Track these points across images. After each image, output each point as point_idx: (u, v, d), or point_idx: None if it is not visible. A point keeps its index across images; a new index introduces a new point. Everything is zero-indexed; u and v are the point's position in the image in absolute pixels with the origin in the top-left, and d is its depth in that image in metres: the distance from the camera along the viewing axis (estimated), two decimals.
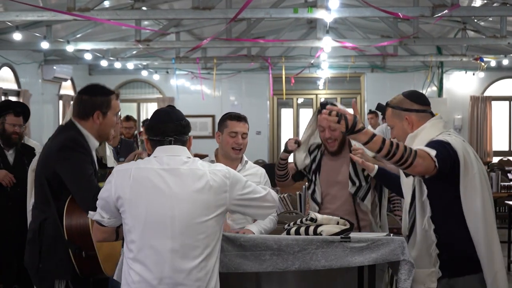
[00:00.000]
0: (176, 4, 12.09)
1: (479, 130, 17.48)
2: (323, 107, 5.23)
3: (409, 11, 9.32)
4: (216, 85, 16.88)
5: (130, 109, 17.84)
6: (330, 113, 3.71)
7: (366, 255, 3.90)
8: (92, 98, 4.30)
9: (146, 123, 3.81)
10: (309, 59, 15.48)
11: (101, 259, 4.08)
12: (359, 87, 18.26)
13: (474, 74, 17.15)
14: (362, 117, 17.42)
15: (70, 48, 12.34)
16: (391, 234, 4.26)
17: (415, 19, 11.52)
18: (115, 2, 11.47)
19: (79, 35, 12.78)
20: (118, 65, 15.60)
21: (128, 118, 10.63)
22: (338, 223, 4.10)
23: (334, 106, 5.16)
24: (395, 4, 11.82)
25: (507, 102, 18.00)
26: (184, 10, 10.19)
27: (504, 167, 14.24)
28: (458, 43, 14.45)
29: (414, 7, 9.66)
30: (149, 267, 3.40)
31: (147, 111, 18.46)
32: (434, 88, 17.69)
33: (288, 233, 4.18)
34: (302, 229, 4.13)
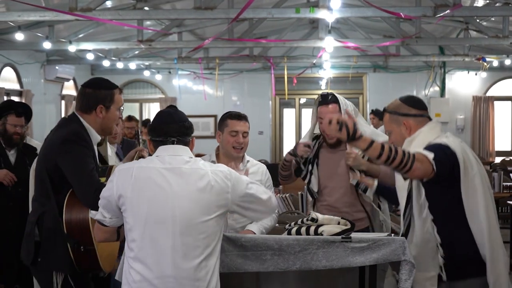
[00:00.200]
0: (178, 4, 12.08)
1: (481, 130, 17.47)
2: (323, 98, 5.25)
3: (411, 11, 9.31)
4: (218, 85, 16.88)
5: (133, 109, 17.84)
6: (330, 122, 3.70)
7: (367, 255, 3.90)
8: (96, 91, 4.29)
9: (147, 123, 3.81)
10: (311, 59, 15.48)
11: (99, 254, 4.08)
12: (361, 87, 18.25)
13: (476, 74, 17.14)
14: (365, 117, 17.43)
15: (72, 48, 12.34)
16: (392, 234, 4.26)
17: (417, 19, 11.51)
18: (117, 2, 11.47)
19: (81, 35, 12.78)
20: (120, 65, 15.60)
21: (130, 118, 10.63)
22: (339, 223, 4.10)
23: (335, 104, 5.19)
24: (397, 4, 11.80)
25: (510, 102, 17.97)
26: (186, 10, 10.18)
27: (506, 167, 14.22)
28: (461, 43, 14.44)
29: (416, 7, 9.65)
30: (150, 266, 3.41)
31: (149, 111, 18.46)
32: (437, 88, 17.68)
33: (289, 233, 4.18)
34: (303, 229, 4.13)
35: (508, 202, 9.72)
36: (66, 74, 15.67)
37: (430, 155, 3.76)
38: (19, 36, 11.27)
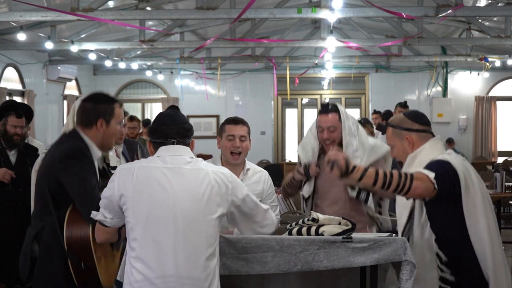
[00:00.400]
0: (181, 4, 12.10)
1: (483, 130, 17.45)
2: (323, 108, 5.23)
3: (412, 11, 9.30)
4: (221, 85, 16.89)
5: (135, 109, 17.86)
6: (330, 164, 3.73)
7: (368, 256, 3.89)
8: (96, 105, 4.26)
9: (147, 124, 3.80)
10: (313, 59, 15.49)
11: (100, 271, 4.04)
12: (363, 87, 18.24)
13: (478, 74, 17.14)
14: (367, 117, 17.43)
15: (75, 48, 12.36)
16: (393, 235, 4.25)
17: (419, 19, 11.50)
18: (119, 2, 11.49)
19: (83, 35, 12.80)
20: (122, 65, 15.62)
21: (132, 118, 10.63)
22: (340, 223, 4.09)
23: (335, 113, 5.12)
24: (399, 4, 11.81)
25: None
26: (188, 10, 10.20)
27: (508, 167, 14.19)
28: (463, 43, 14.42)
29: (418, 7, 9.64)
30: (151, 265, 3.41)
31: (152, 111, 18.47)
32: (439, 88, 17.67)
33: (290, 233, 4.18)
34: (304, 229, 4.12)
35: (510, 202, 9.72)
36: (68, 74, 15.69)
37: (431, 174, 3.75)
38: (21, 36, 11.29)
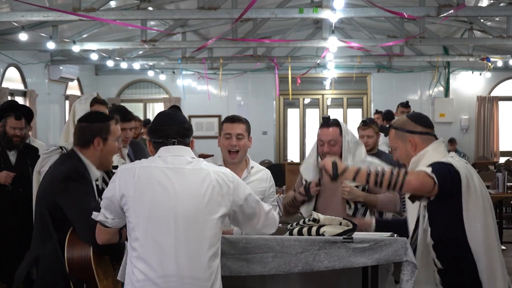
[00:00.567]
0: (182, 4, 12.10)
1: (486, 130, 17.44)
2: (324, 121, 5.22)
3: (414, 11, 9.30)
4: (222, 85, 16.88)
5: (137, 109, 17.85)
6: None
7: (368, 256, 3.89)
8: (91, 125, 4.26)
9: (147, 124, 3.79)
10: (315, 59, 15.49)
11: None
12: (365, 87, 18.23)
13: (480, 74, 17.12)
14: (369, 116, 17.41)
15: (76, 49, 12.36)
16: (395, 235, 4.25)
17: (421, 19, 11.50)
18: (121, 2, 11.48)
19: (85, 35, 12.80)
20: (124, 65, 15.62)
21: (133, 118, 10.62)
22: (340, 224, 4.09)
23: (336, 127, 5.15)
24: (401, 4, 11.81)
25: None
26: (190, 10, 10.21)
27: (510, 167, 14.21)
28: (465, 43, 14.42)
29: (419, 7, 9.64)
30: (153, 265, 3.41)
31: (154, 111, 18.47)
32: (441, 88, 17.66)
33: (290, 233, 4.18)
34: (305, 229, 4.12)
35: None
36: (70, 74, 15.70)
37: (428, 169, 3.76)
38: (23, 36, 11.29)
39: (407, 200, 4.16)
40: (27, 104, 13.79)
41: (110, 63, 15.06)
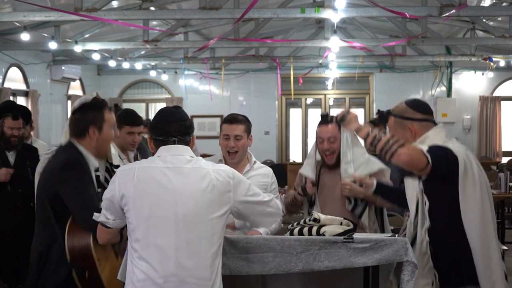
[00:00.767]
0: (184, 4, 12.09)
1: (488, 130, 17.42)
2: (323, 118, 5.23)
3: (416, 11, 9.29)
4: (225, 85, 16.88)
5: (139, 109, 17.85)
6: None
7: (369, 256, 3.89)
8: (84, 114, 4.28)
9: (147, 123, 3.79)
10: (317, 59, 15.48)
11: (105, 279, 4.05)
12: (368, 87, 18.22)
13: (483, 74, 17.11)
14: (371, 116, 17.42)
15: (78, 49, 12.35)
16: (396, 235, 4.25)
17: (423, 19, 11.48)
18: (123, 2, 11.48)
19: (87, 35, 12.80)
20: (126, 65, 15.62)
21: None
22: (341, 224, 4.09)
23: (334, 124, 5.18)
24: (403, 4, 11.79)
25: None
26: (191, 10, 10.19)
27: None
28: (467, 43, 14.41)
29: (421, 6, 9.63)
30: (153, 265, 3.41)
31: (156, 111, 18.42)
32: (443, 88, 17.64)
33: (291, 233, 4.18)
34: (305, 229, 4.13)
35: None
36: (72, 74, 15.70)
37: (424, 148, 3.76)
38: (25, 36, 11.30)
39: (406, 186, 4.16)
40: (29, 104, 13.81)
41: (112, 63, 15.05)
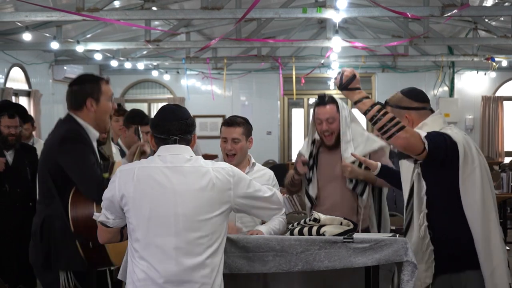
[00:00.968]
0: (186, 4, 12.09)
1: (490, 130, 17.40)
2: (321, 99, 5.24)
3: (418, 11, 9.29)
4: (227, 85, 16.88)
5: (141, 109, 17.86)
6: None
7: (369, 256, 3.89)
8: (82, 86, 4.33)
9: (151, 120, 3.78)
10: (319, 59, 15.47)
11: (108, 248, 4.09)
12: (370, 87, 18.20)
13: (485, 74, 17.09)
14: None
15: (80, 49, 12.37)
16: (397, 235, 4.25)
17: (425, 19, 11.48)
18: (125, 2, 11.49)
19: (89, 35, 12.81)
20: (128, 65, 15.61)
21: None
22: (341, 224, 4.09)
23: (332, 104, 5.20)
24: (405, 4, 11.79)
25: None
26: (193, 10, 10.20)
27: None
28: (469, 43, 14.39)
29: (423, 6, 9.62)
30: (154, 265, 3.41)
31: None
32: (446, 88, 17.64)
33: (291, 233, 4.18)
34: (305, 229, 4.13)
35: None
36: (74, 74, 15.55)
37: (423, 133, 3.76)
38: (27, 36, 11.30)
39: (401, 167, 4.17)
40: (31, 104, 13.83)
41: (114, 63, 15.06)
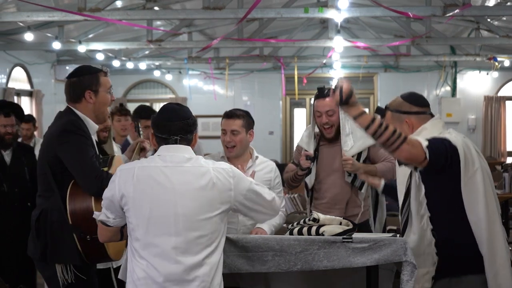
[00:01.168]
0: (188, 4, 12.09)
1: (493, 130, 17.39)
2: (320, 92, 5.24)
3: (420, 11, 9.29)
4: (229, 85, 16.89)
5: None
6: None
7: (368, 256, 3.89)
8: (80, 78, 4.33)
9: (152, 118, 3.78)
10: (321, 59, 15.47)
11: (107, 243, 4.08)
12: (372, 87, 18.21)
13: (488, 74, 17.08)
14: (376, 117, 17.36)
15: (82, 49, 12.37)
16: (397, 235, 4.25)
17: (428, 19, 11.47)
18: (127, 2, 11.49)
19: (91, 35, 12.82)
20: (130, 65, 15.63)
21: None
22: (340, 224, 4.09)
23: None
24: (407, 4, 11.77)
25: None
26: (195, 10, 10.20)
27: None
28: (472, 43, 14.39)
29: (425, 6, 9.62)
30: (154, 264, 3.42)
31: None
32: (448, 88, 17.62)
33: (291, 233, 4.19)
34: (305, 229, 4.13)
35: None
36: None
37: (424, 143, 3.76)
38: (29, 37, 11.30)
39: (397, 170, 4.17)
40: (33, 104, 13.85)
41: (116, 63, 15.07)
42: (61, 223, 4.12)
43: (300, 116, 18.87)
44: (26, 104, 14.05)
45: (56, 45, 11.59)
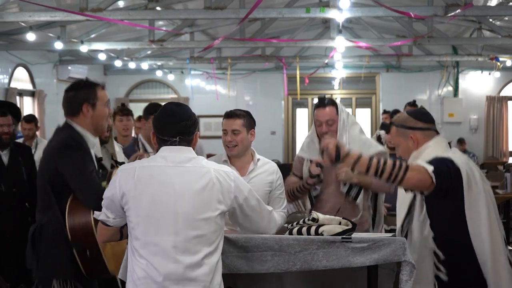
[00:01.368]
0: (190, 4, 12.10)
1: (495, 130, 17.37)
2: (320, 102, 5.24)
3: (421, 11, 9.29)
4: (231, 85, 16.89)
5: None
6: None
7: (367, 256, 3.89)
8: (78, 92, 4.32)
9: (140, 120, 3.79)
10: (323, 59, 15.47)
11: (106, 257, 4.08)
12: (374, 87, 18.20)
13: (490, 74, 17.08)
14: (377, 117, 17.40)
15: (84, 49, 12.37)
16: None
17: (429, 19, 11.46)
18: (129, 2, 11.49)
19: (93, 35, 12.82)
20: (132, 65, 15.64)
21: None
22: (340, 223, 4.09)
23: (332, 106, 5.17)
24: (409, 4, 11.77)
25: None
26: (197, 10, 10.21)
27: None
28: (474, 43, 14.39)
29: (427, 6, 9.62)
30: (153, 263, 3.43)
31: None
32: (450, 88, 17.61)
33: (290, 233, 4.18)
34: (304, 229, 4.13)
35: None
36: (78, 74, 15.70)
37: (430, 168, 3.75)
38: (31, 37, 11.30)
39: (399, 191, 4.16)
40: (36, 104, 13.86)
41: (118, 63, 15.07)
42: (56, 237, 4.11)
43: (302, 116, 18.85)
44: (28, 104, 14.06)
45: (58, 45, 11.59)
